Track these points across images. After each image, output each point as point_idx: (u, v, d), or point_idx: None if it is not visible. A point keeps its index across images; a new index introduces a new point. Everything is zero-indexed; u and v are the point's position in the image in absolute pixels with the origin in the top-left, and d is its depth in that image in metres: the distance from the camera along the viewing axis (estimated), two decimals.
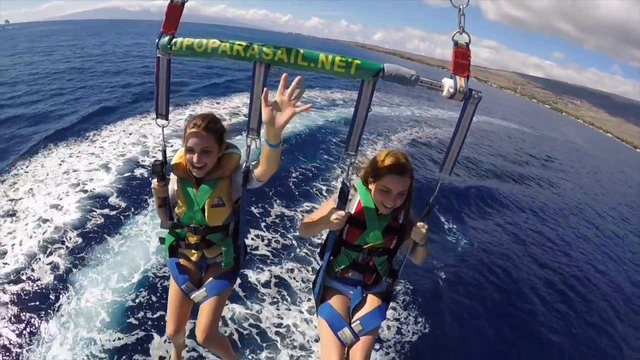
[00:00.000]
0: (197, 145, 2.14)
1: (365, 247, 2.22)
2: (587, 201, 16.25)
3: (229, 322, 4.51)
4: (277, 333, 4.61)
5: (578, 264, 9.24)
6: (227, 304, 4.33)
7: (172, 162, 2.31)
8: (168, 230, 2.47)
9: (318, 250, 2.54)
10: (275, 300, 5.06)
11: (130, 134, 9.59)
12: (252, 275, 5.34)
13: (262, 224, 6.55)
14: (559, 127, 66.41)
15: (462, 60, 1.77)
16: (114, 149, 8.42)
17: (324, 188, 8.52)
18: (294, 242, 6.38)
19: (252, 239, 6.07)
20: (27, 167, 7.39)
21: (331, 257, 2.29)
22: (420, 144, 15.67)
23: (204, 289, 2.39)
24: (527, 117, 58.10)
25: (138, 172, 7.46)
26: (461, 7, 1.70)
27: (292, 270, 5.70)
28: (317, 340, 4.59)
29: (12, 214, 5.77)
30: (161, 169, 2.22)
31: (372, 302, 2.32)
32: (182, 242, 2.43)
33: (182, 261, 2.50)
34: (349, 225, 2.20)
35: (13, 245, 5.05)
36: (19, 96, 13.07)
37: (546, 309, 6.79)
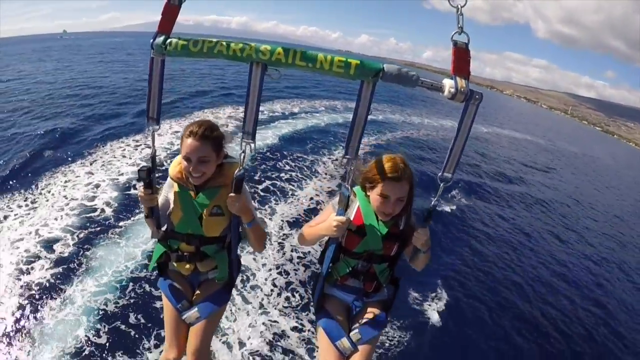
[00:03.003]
0: (193, 154, 2.10)
1: (364, 253, 2.19)
2: None
3: (221, 334, 4.61)
4: (273, 341, 4.73)
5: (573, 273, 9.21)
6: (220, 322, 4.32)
7: (170, 168, 2.28)
8: (157, 241, 2.37)
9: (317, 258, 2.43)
10: (273, 308, 5.18)
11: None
12: (248, 284, 5.45)
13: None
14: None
15: (462, 60, 1.76)
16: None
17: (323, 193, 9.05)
18: (292, 250, 6.54)
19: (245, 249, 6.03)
20: None
21: (331, 264, 2.26)
22: (424, 147, 16.30)
23: (196, 309, 2.30)
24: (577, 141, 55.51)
25: None
26: (459, 6, 1.69)
27: (290, 277, 5.88)
28: (316, 349, 4.74)
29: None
30: (148, 175, 2.10)
31: (372, 310, 2.31)
32: (174, 253, 2.35)
33: (174, 282, 2.41)
34: (348, 232, 2.18)
35: None
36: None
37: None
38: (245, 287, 5.39)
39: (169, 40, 1.86)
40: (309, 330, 4.97)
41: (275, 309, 5.18)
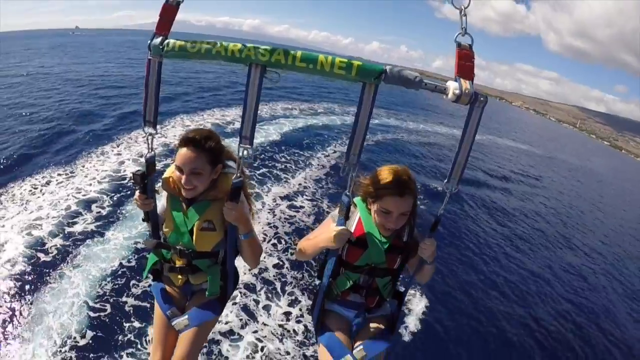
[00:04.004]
0: (185, 164, 1.99)
1: (366, 267, 2.08)
2: None
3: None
4: (257, 275, 5.76)
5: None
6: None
7: (163, 177, 2.17)
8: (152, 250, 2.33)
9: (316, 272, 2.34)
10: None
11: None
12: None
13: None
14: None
15: (466, 62, 1.71)
16: None
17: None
18: (281, 212, 8.03)
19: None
20: None
21: (331, 279, 2.14)
22: (422, 151, 16.47)
23: (186, 316, 2.20)
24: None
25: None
26: (463, 7, 1.67)
27: (277, 230, 7.21)
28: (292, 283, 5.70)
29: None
30: (142, 180, 2.01)
31: (375, 326, 2.19)
32: (167, 264, 2.30)
33: (167, 287, 2.35)
34: (349, 245, 2.07)
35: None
36: None
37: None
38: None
39: (166, 42, 1.81)
40: (286, 267, 6.28)
41: (264, 252, 6.23)
